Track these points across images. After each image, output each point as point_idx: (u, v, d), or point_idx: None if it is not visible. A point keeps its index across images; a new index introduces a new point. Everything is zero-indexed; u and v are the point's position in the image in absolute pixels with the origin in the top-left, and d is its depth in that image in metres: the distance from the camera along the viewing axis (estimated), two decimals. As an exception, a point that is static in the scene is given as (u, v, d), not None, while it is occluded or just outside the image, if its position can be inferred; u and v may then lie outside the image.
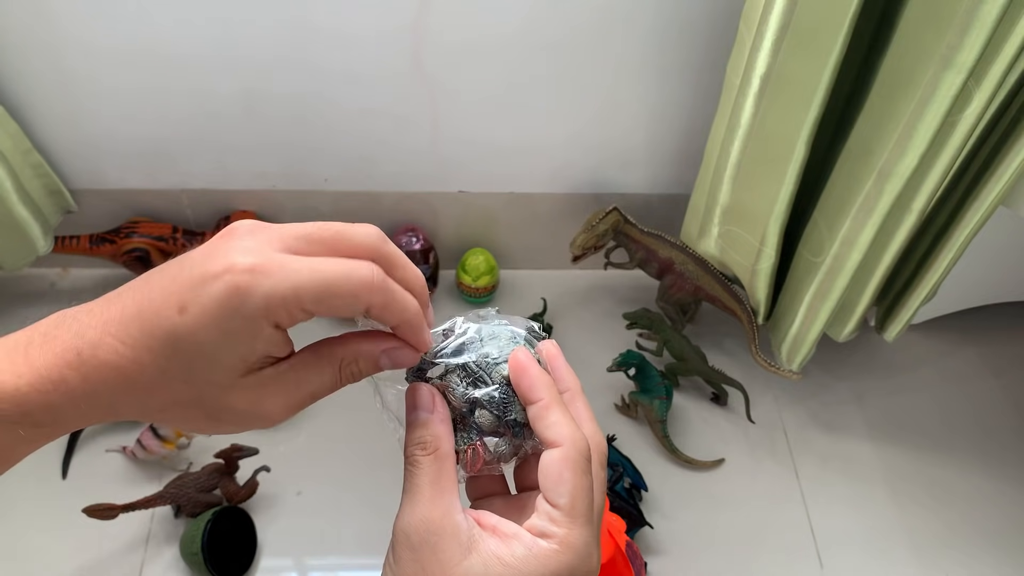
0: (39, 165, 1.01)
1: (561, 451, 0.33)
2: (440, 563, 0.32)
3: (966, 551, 0.96)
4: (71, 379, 0.31)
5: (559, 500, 0.33)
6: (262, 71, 0.96)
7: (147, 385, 0.31)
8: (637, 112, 1.03)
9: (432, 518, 0.33)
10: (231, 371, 0.31)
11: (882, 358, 1.16)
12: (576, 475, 0.33)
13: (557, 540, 0.32)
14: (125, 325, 0.31)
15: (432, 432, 0.35)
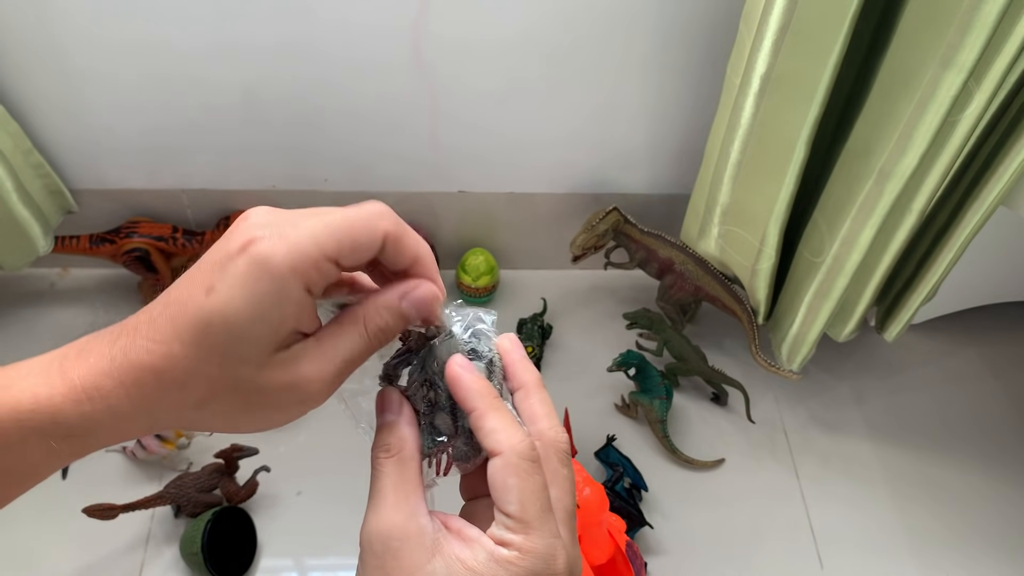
0: (40, 165, 1.01)
1: (501, 458, 0.32)
2: (403, 568, 0.32)
3: (966, 551, 0.96)
4: (105, 386, 0.31)
5: (508, 508, 0.32)
6: (263, 72, 0.96)
7: (181, 379, 0.31)
8: (637, 112, 1.03)
9: (395, 523, 0.32)
10: (263, 346, 0.31)
11: (882, 358, 1.16)
12: (521, 479, 0.32)
13: (516, 547, 0.32)
14: (154, 322, 0.31)
15: (397, 435, 0.35)
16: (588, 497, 0.74)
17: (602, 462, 0.98)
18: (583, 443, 1.01)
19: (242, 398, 0.32)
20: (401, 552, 0.32)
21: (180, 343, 0.30)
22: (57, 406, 0.31)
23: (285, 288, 0.30)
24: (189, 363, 0.30)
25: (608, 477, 0.94)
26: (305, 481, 0.97)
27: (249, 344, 0.31)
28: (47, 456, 0.32)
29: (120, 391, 0.31)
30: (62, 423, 0.31)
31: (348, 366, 0.34)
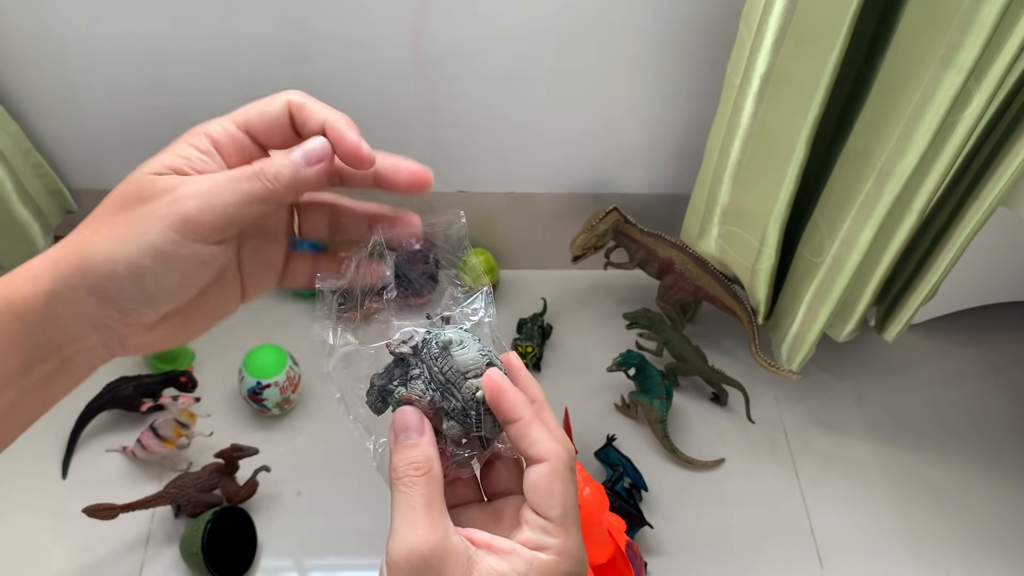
0: (39, 165, 1.01)
1: (548, 465, 0.34)
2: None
3: (965, 551, 0.96)
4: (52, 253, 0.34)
5: (551, 512, 0.33)
6: (262, 72, 0.96)
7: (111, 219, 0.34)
8: (637, 112, 1.03)
9: (433, 541, 0.32)
10: (157, 180, 0.34)
11: (882, 358, 1.16)
12: (564, 487, 0.34)
13: (555, 551, 0.33)
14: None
15: (424, 453, 0.35)
16: (588, 497, 0.74)
17: (602, 462, 0.98)
18: (583, 443, 1.01)
19: (129, 201, 0.35)
20: (442, 571, 0.32)
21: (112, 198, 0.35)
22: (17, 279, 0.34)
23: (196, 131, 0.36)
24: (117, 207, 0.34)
25: (608, 477, 0.94)
26: (305, 481, 0.97)
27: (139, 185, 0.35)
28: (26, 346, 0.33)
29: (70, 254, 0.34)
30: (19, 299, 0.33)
31: (247, 198, 0.35)
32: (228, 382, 1.04)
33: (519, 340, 1.08)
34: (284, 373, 0.97)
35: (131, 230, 0.33)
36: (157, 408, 0.99)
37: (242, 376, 0.97)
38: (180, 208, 0.33)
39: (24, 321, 0.33)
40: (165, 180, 0.34)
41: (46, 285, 0.33)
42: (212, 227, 0.34)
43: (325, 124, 0.38)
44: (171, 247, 0.33)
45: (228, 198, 0.34)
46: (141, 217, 0.33)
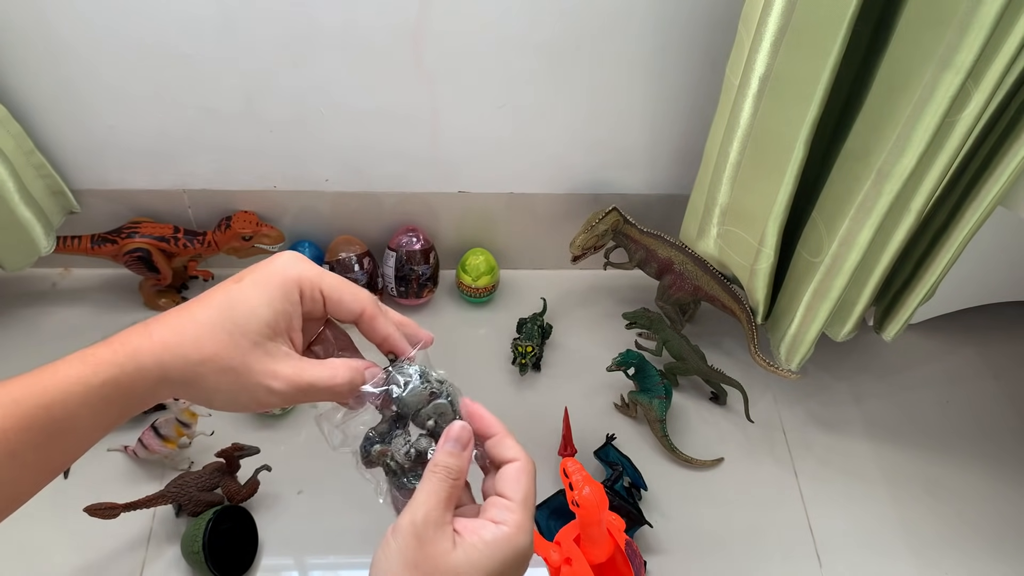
0: (42, 166, 1.02)
1: (519, 463, 0.46)
2: (438, 552, 0.42)
3: (965, 550, 0.96)
4: (131, 341, 0.42)
5: (515, 496, 0.44)
6: (263, 72, 0.96)
7: (197, 335, 0.42)
8: (637, 112, 1.03)
9: (433, 518, 0.42)
10: (263, 328, 0.43)
11: (881, 358, 1.16)
12: (528, 479, 0.45)
13: (513, 525, 0.43)
14: (190, 302, 0.44)
15: (459, 465, 0.45)
16: (587, 496, 0.75)
17: (601, 461, 0.99)
18: (582, 442, 1.01)
19: (231, 367, 0.42)
20: (437, 540, 0.42)
21: (203, 310, 0.43)
22: (100, 361, 0.41)
23: (288, 290, 0.44)
24: (206, 327, 0.42)
25: (607, 476, 0.95)
26: (306, 480, 0.97)
27: (254, 319, 0.42)
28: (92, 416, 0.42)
29: (144, 345, 0.42)
30: (103, 375, 0.41)
31: (312, 390, 0.44)
32: (229, 382, 1.04)
33: (519, 340, 1.09)
34: (285, 373, 0.97)
35: (240, 389, 0.43)
36: (158, 407, 0.99)
37: (243, 376, 0.97)
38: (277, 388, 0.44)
39: (133, 388, 0.42)
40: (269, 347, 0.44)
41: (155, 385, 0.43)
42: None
43: (385, 340, 0.48)
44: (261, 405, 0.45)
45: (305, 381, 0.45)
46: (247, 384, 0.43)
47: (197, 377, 0.43)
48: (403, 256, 1.11)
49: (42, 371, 0.42)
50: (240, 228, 1.08)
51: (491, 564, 0.43)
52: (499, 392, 1.08)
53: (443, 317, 1.17)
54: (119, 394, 0.42)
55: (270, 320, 0.43)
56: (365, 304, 0.47)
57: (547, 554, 0.77)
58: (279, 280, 0.44)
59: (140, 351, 0.42)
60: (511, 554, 0.43)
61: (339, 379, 0.45)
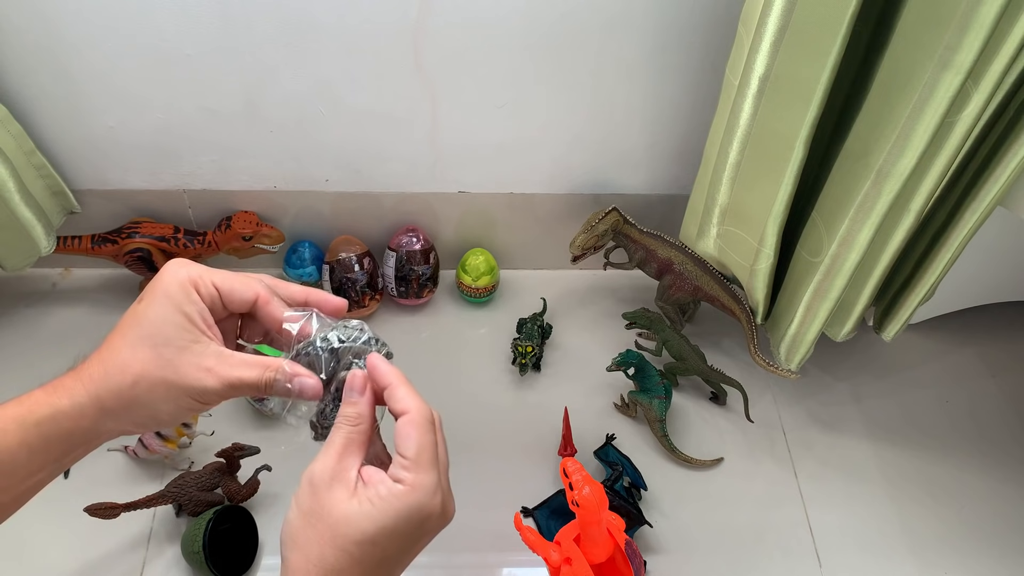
0: (42, 166, 1.02)
1: (407, 416, 0.45)
2: (332, 501, 0.43)
3: (964, 550, 0.96)
4: (65, 383, 0.45)
5: (407, 452, 0.44)
6: (263, 72, 0.96)
7: (120, 363, 0.45)
8: (636, 113, 1.03)
9: (333, 469, 0.44)
10: (180, 334, 0.45)
11: (880, 358, 1.16)
12: (421, 433, 0.44)
13: (408, 483, 0.44)
14: (105, 339, 0.46)
15: (357, 411, 0.46)
16: (587, 496, 0.75)
17: (601, 461, 0.99)
18: (582, 442, 1.01)
19: (162, 378, 0.44)
20: (332, 489, 0.44)
21: (120, 335, 0.45)
22: (35, 402, 0.45)
23: (185, 291, 0.46)
24: (126, 351, 0.45)
25: (607, 476, 0.95)
26: (306, 480, 0.97)
27: (169, 330, 0.45)
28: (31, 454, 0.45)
29: (76, 384, 0.45)
30: (37, 414, 0.44)
31: (241, 385, 0.46)
32: (229, 382, 1.04)
33: (519, 340, 1.09)
34: (285, 373, 0.97)
35: (179, 395, 0.46)
36: (158, 407, 0.99)
37: (243, 376, 0.97)
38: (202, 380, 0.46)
39: (74, 425, 0.45)
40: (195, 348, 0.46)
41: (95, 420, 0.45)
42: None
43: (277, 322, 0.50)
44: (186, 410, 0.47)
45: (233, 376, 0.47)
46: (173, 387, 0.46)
47: (134, 400, 0.45)
48: (403, 256, 1.11)
49: None
50: (240, 228, 1.08)
51: (385, 519, 0.43)
52: (499, 392, 1.08)
53: (443, 317, 1.17)
54: (58, 432, 0.44)
55: (182, 323, 0.45)
56: (257, 290, 0.49)
57: (547, 554, 0.77)
58: (175, 286, 0.46)
59: (74, 389, 0.45)
60: (407, 512, 0.43)
61: (255, 372, 0.47)
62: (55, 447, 0.45)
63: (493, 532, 0.79)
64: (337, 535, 0.43)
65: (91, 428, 0.45)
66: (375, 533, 0.43)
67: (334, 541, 0.43)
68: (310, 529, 0.43)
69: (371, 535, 0.43)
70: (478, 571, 0.90)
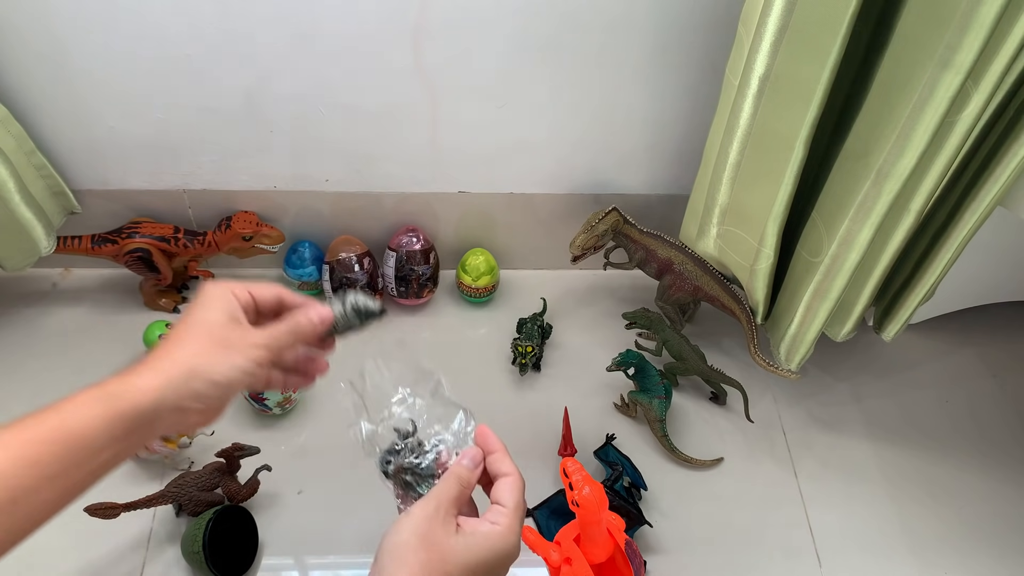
0: (43, 166, 1.02)
1: (510, 478, 0.56)
2: (442, 532, 0.53)
3: (964, 550, 0.96)
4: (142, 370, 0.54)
5: (509, 503, 0.54)
6: (263, 72, 0.96)
7: (181, 348, 0.55)
8: (637, 113, 1.03)
9: (447, 510, 0.53)
10: (226, 317, 0.57)
11: (880, 358, 1.16)
12: (520, 492, 0.56)
13: (504, 527, 0.53)
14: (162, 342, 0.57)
15: (467, 478, 0.56)
16: (587, 496, 0.75)
17: (601, 461, 0.99)
18: (582, 442, 1.01)
19: (216, 340, 0.56)
20: (442, 524, 0.53)
21: (177, 335, 0.55)
22: (110, 382, 0.53)
23: (224, 295, 0.58)
24: (187, 341, 0.56)
25: (607, 476, 0.95)
26: (306, 480, 0.97)
27: (218, 323, 0.56)
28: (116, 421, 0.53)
29: (143, 368, 0.54)
30: (110, 389, 0.53)
31: (277, 341, 0.58)
32: (229, 382, 1.04)
33: (519, 340, 1.09)
34: (285, 373, 0.97)
35: (235, 356, 0.56)
36: (159, 407, 0.99)
37: (243, 376, 0.98)
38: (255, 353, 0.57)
39: (137, 410, 0.53)
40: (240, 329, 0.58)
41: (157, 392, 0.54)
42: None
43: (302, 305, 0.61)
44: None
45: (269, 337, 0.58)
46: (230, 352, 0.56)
47: (196, 366, 0.55)
48: (403, 256, 1.11)
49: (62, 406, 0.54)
50: (240, 228, 1.08)
51: (481, 553, 0.53)
52: (499, 392, 1.08)
53: (443, 317, 1.17)
54: (129, 408, 0.54)
55: (229, 311, 0.58)
56: (277, 288, 0.61)
57: (547, 554, 0.77)
58: (216, 293, 0.58)
59: (142, 371, 0.54)
60: (499, 549, 0.54)
61: (308, 313, 0.59)
62: (122, 427, 0.54)
63: (493, 532, 0.79)
64: (446, 560, 0.52)
65: (154, 408, 0.54)
66: (475, 563, 0.53)
67: (442, 566, 0.52)
68: (422, 552, 0.52)
69: (472, 564, 0.53)
70: (478, 571, 0.90)
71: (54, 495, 0.57)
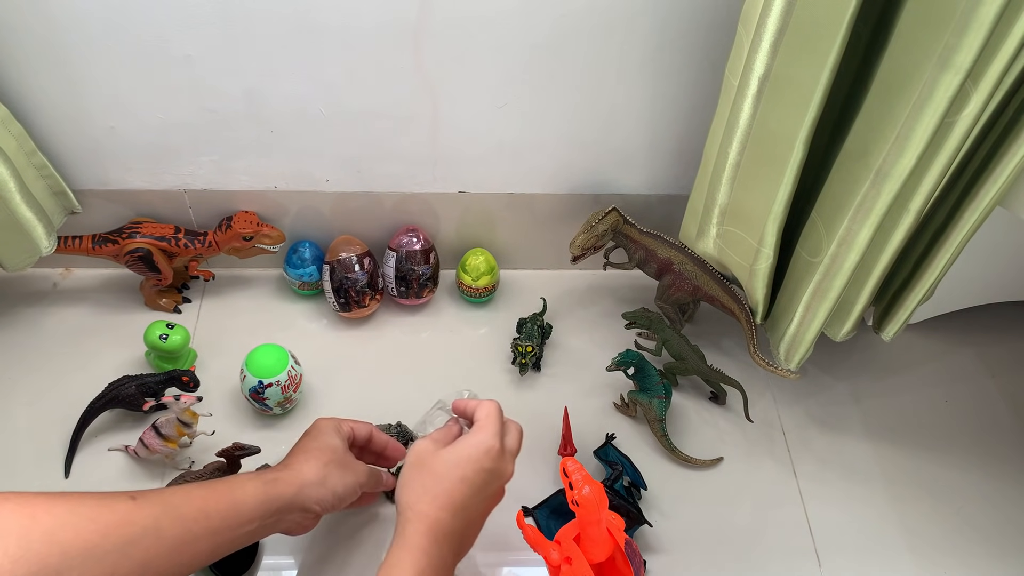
0: (43, 166, 1.02)
1: (485, 402, 0.77)
2: (427, 453, 0.73)
3: (964, 550, 0.97)
4: (295, 460, 0.78)
5: (480, 415, 0.75)
6: (264, 72, 0.96)
7: (316, 453, 0.77)
8: (636, 113, 1.03)
9: (423, 445, 0.74)
10: (340, 443, 0.79)
11: (880, 358, 1.16)
12: (488, 405, 0.77)
13: (480, 430, 0.74)
14: (287, 461, 0.79)
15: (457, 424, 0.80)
16: (587, 495, 0.75)
17: (601, 460, 0.99)
18: (582, 442, 1.01)
19: (338, 462, 0.77)
20: (428, 451, 0.73)
21: (301, 458, 0.77)
22: (266, 478, 0.74)
23: (337, 428, 0.81)
24: (317, 458, 0.77)
25: (607, 475, 0.95)
26: (306, 480, 0.97)
27: (332, 448, 0.78)
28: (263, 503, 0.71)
29: (299, 458, 0.77)
30: (265, 479, 0.74)
31: (368, 479, 0.82)
32: (230, 381, 1.04)
33: (519, 340, 1.09)
34: (286, 372, 0.98)
35: (348, 475, 0.78)
36: (159, 407, 1.00)
37: (244, 375, 0.98)
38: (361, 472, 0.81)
39: (282, 498, 0.72)
40: (349, 456, 0.81)
41: (298, 488, 0.74)
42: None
43: (384, 448, 0.88)
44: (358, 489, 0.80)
45: (365, 471, 0.83)
46: (347, 472, 0.79)
47: (326, 477, 0.75)
48: (403, 256, 1.11)
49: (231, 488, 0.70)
50: (241, 228, 1.08)
51: (463, 451, 0.71)
52: (499, 392, 1.08)
53: (443, 317, 1.17)
54: (275, 497, 0.71)
55: (340, 442, 0.79)
56: (370, 427, 0.85)
57: (547, 553, 0.77)
58: (328, 427, 0.80)
59: (285, 475, 0.75)
60: (480, 444, 0.71)
61: (380, 473, 0.85)
62: (269, 507, 0.70)
63: (493, 531, 0.79)
64: (433, 471, 0.70)
65: (293, 498, 0.72)
66: (459, 460, 0.70)
67: (433, 473, 0.70)
68: (415, 474, 0.71)
69: (457, 462, 0.70)
70: (478, 570, 0.90)
71: (208, 548, 0.64)
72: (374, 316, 1.16)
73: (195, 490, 0.67)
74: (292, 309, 1.16)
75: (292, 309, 1.16)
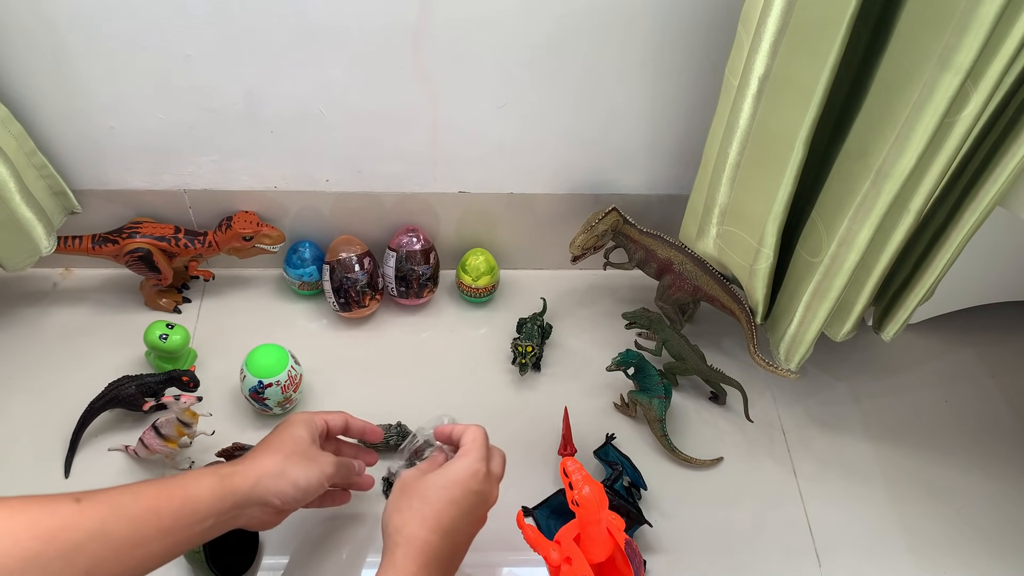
0: (43, 166, 1.02)
1: (470, 427, 0.77)
2: (414, 481, 0.72)
3: (964, 550, 0.97)
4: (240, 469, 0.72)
5: (466, 440, 0.74)
6: (264, 72, 0.96)
7: (268, 460, 0.73)
8: (636, 113, 1.03)
9: (411, 474, 0.74)
10: (308, 438, 0.77)
11: (880, 358, 1.16)
12: (474, 430, 0.76)
13: (465, 455, 0.73)
14: (250, 455, 0.75)
15: (443, 453, 0.80)
16: (587, 496, 0.75)
17: (601, 461, 0.99)
18: (582, 442, 1.01)
19: (301, 454, 0.75)
20: (413, 478, 0.73)
21: (265, 451, 0.75)
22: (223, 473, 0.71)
23: (308, 421, 0.79)
24: (279, 450, 0.74)
25: (607, 476, 0.95)
26: (306, 480, 0.97)
27: (303, 433, 0.77)
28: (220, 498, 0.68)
29: (259, 452, 0.75)
30: (223, 472, 0.71)
31: (343, 467, 0.80)
32: (230, 381, 1.04)
33: (519, 340, 1.09)
34: (285, 372, 0.98)
35: (311, 468, 0.75)
36: (159, 407, 1.00)
37: (244, 375, 0.98)
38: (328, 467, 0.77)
39: (237, 492, 0.69)
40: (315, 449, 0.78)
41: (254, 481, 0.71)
42: None
43: (361, 434, 0.87)
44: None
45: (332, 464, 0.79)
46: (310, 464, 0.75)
47: (286, 469, 0.72)
48: (403, 256, 1.11)
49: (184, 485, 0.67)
50: (241, 228, 1.08)
51: (450, 475, 0.71)
52: (499, 392, 1.08)
53: (443, 317, 1.17)
54: (231, 492, 0.68)
55: (312, 434, 0.77)
56: (344, 416, 0.83)
57: (547, 553, 0.77)
58: (304, 418, 0.78)
59: (241, 470, 0.71)
60: (465, 468, 0.71)
61: (351, 465, 0.82)
62: (225, 503, 0.67)
63: (493, 531, 0.79)
64: (422, 495, 0.70)
65: (250, 492, 0.69)
66: (445, 484, 0.70)
67: (422, 496, 0.70)
68: (403, 498, 0.70)
69: (444, 484, 0.70)
70: (478, 570, 0.90)
71: (161, 548, 0.62)
72: (374, 316, 1.16)
73: (145, 488, 0.63)
74: (292, 309, 1.16)
75: (292, 309, 1.16)
